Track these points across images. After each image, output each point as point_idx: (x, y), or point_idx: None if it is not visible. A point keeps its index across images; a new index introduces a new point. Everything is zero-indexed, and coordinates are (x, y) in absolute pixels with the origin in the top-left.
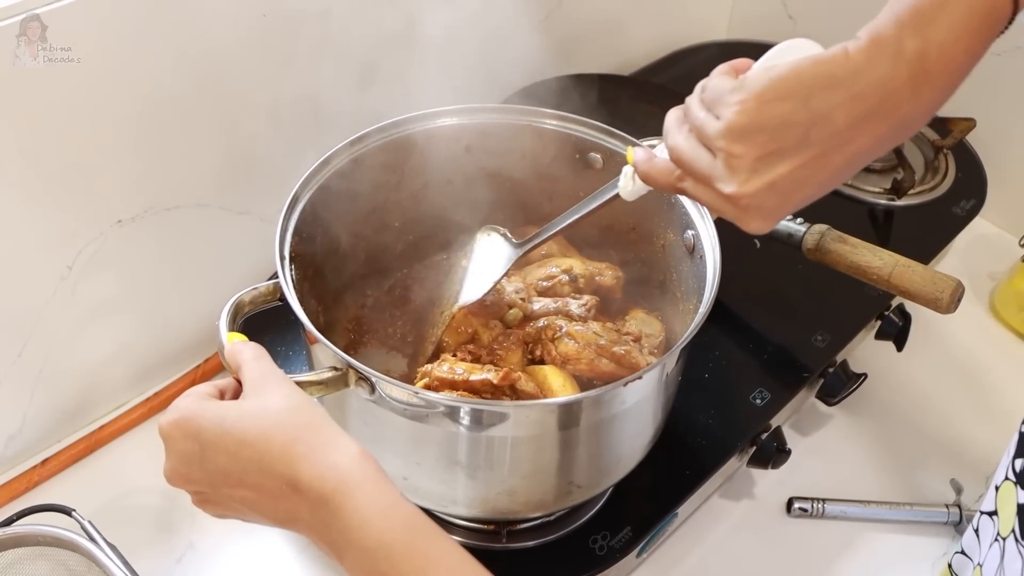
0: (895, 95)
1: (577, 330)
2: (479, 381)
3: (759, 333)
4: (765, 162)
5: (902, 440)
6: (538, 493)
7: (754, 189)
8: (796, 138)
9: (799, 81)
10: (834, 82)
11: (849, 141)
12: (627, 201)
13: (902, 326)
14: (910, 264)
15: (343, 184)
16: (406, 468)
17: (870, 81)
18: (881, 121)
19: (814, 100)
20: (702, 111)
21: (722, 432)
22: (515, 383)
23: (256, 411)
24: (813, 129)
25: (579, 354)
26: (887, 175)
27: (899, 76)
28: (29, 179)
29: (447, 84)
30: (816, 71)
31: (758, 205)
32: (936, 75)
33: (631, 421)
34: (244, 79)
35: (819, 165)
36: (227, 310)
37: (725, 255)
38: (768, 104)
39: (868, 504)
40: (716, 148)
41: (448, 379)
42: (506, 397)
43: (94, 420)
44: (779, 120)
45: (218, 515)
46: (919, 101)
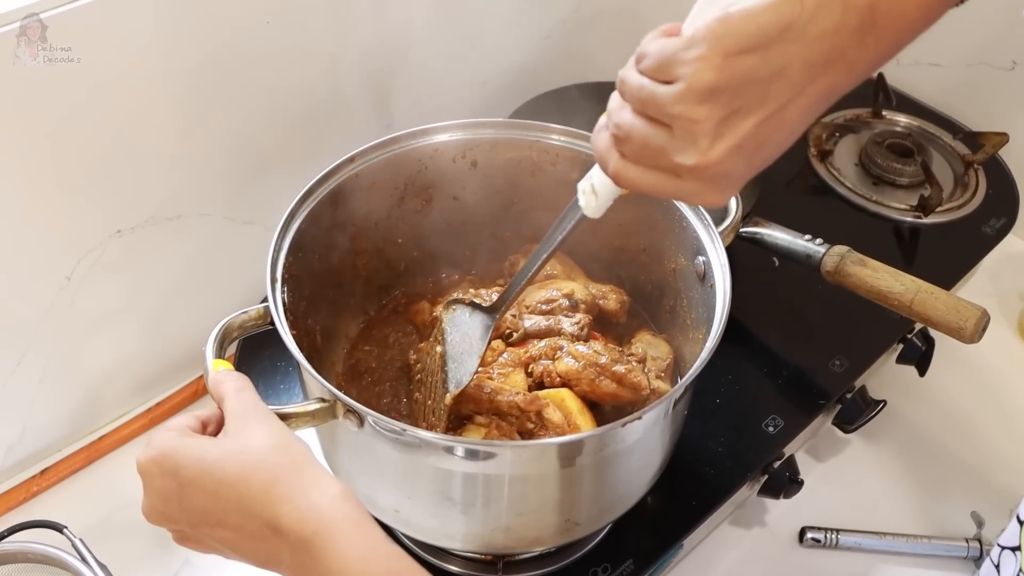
0: (845, 44)
1: (578, 350)
2: (506, 404)
3: (774, 356)
4: (729, 123)
5: (922, 469)
6: (535, 530)
7: (720, 155)
8: (758, 94)
9: (760, 31)
10: (790, 31)
11: (803, 93)
12: (596, 219)
13: (925, 350)
14: (933, 291)
15: (343, 201)
16: (397, 501)
17: (822, 29)
18: (832, 71)
19: (773, 51)
20: (645, 81)
21: (732, 460)
22: (543, 409)
23: (236, 450)
24: (773, 82)
25: (579, 374)
26: (913, 191)
27: (849, 24)
28: (25, 188)
29: (457, 93)
30: (773, 19)
31: (725, 172)
32: (885, 27)
33: (634, 458)
34: (249, 84)
35: (778, 121)
36: (214, 336)
37: (741, 274)
38: (733, 59)
39: (884, 536)
40: (671, 117)
41: (474, 396)
42: (530, 424)
43: (95, 430)
44: (743, 75)
45: (200, 551)
46: (866, 51)
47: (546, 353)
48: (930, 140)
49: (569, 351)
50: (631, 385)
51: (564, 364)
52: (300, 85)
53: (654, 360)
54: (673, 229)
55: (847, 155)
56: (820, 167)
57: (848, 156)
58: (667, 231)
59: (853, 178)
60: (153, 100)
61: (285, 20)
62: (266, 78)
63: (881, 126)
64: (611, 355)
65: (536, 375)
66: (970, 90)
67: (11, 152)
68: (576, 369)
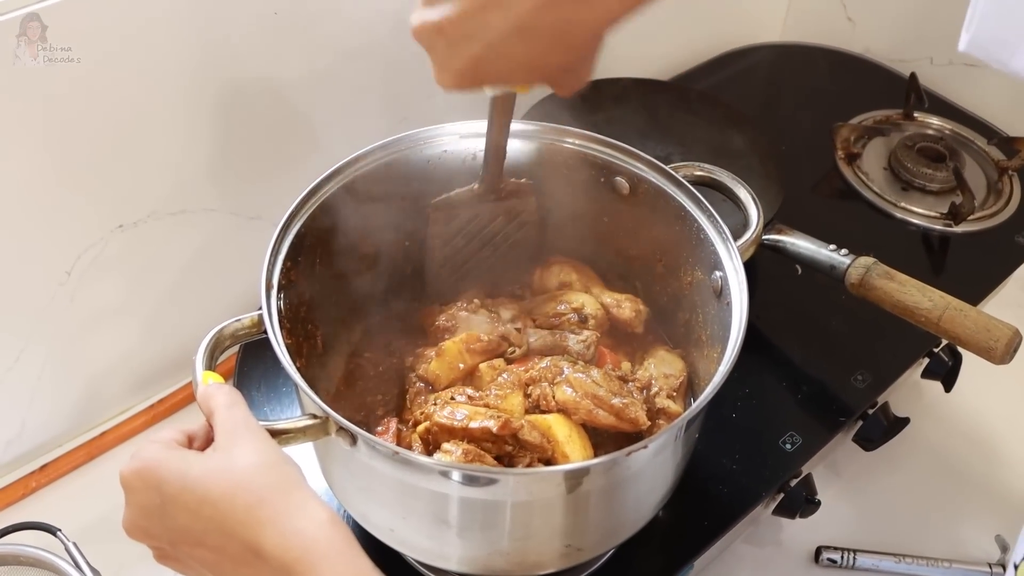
0: None
1: (577, 378)
2: (479, 429)
3: (794, 369)
4: None
5: (944, 489)
6: (534, 555)
7: None
8: None
9: None
10: None
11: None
12: (609, 222)
13: (952, 365)
14: (963, 308)
15: (347, 202)
16: (392, 520)
17: None
18: None
19: None
20: None
21: (747, 478)
22: (517, 432)
23: (221, 468)
24: None
25: (577, 405)
26: (944, 198)
27: None
28: (24, 181)
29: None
30: None
31: None
32: None
33: (641, 483)
34: (259, 76)
35: None
36: (205, 345)
37: (761, 282)
38: None
39: (903, 558)
40: None
41: (447, 425)
42: (508, 446)
43: (95, 426)
44: None
45: (180, 571)
46: None
47: (545, 375)
48: (963, 144)
49: (568, 379)
50: (628, 420)
51: (562, 393)
52: (311, 77)
53: (667, 378)
54: (691, 241)
55: (876, 159)
56: (847, 170)
57: (877, 160)
58: (684, 243)
59: (881, 183)
60: (159, 92)
61: (296, 10)
62: (276, 69)
63: (912, 129)
64: (609, 386)
65: (534, 398)
66: (1006, 92)
67: (11, 144)
68: (573, 399)
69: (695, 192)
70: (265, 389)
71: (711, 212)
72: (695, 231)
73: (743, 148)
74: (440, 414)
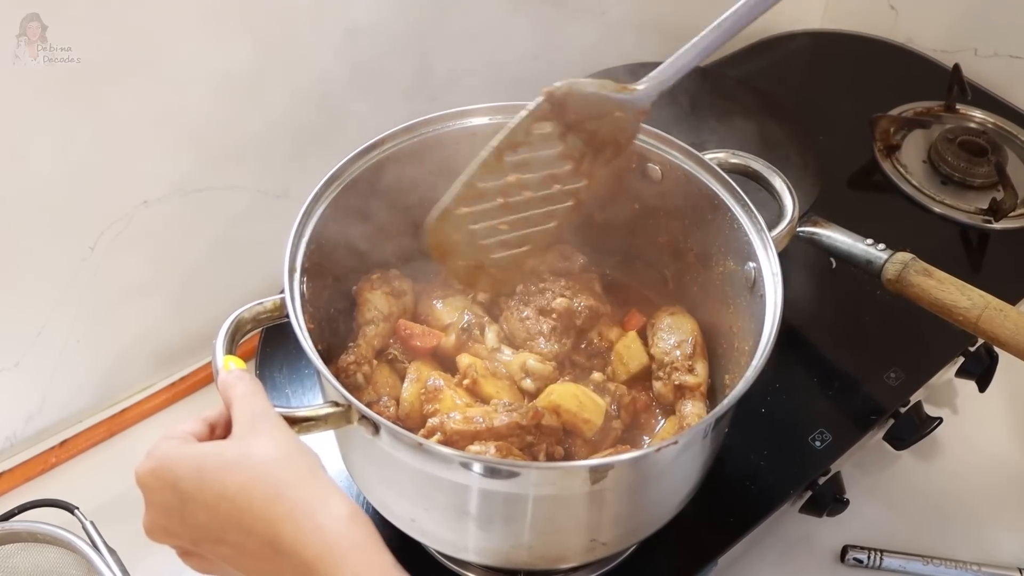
0: None
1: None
2: (505, 427)
3: (826, 365)
4: None
5: (975, 490)
6: (557, 549)
7: None
8: None
9: None
10: None
11: None
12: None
13: (988, 365)
14: (1003, 308)
15: (372, 184)
16: (413, 511)
17: None
18: None
19: None
20: None
21: (774, 476)
22: (540, 420)
23: (238, 460)
24: None
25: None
26: (985, 193)
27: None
28: (49, 154)
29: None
30: None
31: None
32: None
33: (668, 478)
34: (290, 56)
35: None
36: (225, 329)
37: (795, 274)
38: None
39: (931, 560)
40: None
41: (469, 431)
42: (529, 436)
43: (116, 403)
44: None
45: (204, 570)
46: None
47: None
48: (1006, 139)
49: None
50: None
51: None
52: (340, 55)
53: (679, 346)
54: (723, 231)
55: (915, 151)
56: (886, 163)
57: (916, 153)
58: (717, 232)
59: (920, 176)
60: (188, 68)
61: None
62: (305, 49)
63: (954, 121)
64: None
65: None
66: None
67: (39, 118)
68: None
69: (729, 180)
70: (287, 371)
71: (745, 201)
72: (728, 220)
73: (779, 137)
74: (452, 422)
